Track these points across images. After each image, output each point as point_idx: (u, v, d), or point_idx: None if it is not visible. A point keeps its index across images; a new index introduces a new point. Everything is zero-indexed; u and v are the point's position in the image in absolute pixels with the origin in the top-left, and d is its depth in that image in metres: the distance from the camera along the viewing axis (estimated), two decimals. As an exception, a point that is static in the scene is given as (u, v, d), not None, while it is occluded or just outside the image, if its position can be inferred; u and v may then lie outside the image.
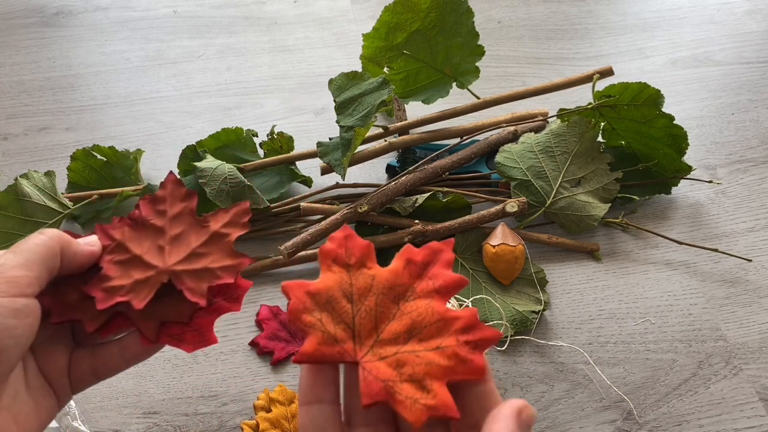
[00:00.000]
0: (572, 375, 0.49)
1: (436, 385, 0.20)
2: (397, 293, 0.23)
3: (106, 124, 0.67)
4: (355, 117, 0.52)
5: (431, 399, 0.20)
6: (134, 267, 0.27)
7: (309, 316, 0.22)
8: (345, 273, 0.23)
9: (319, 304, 0.22)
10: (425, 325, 0.22)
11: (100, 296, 0.26)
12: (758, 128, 0.67)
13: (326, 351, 0.21)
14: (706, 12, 0.80)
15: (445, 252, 0.24)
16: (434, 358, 0.21)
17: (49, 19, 0.78)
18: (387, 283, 0.23)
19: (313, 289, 0.22)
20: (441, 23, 0.58)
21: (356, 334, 0.22)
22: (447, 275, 0.23)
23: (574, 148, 0.57)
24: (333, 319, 0.22)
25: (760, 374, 0.49)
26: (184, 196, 0.29)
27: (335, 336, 0.21)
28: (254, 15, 0.79)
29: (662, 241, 0.57)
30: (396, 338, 0.22)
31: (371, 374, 0.21)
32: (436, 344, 0.21)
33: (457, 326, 0.22)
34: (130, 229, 0.28)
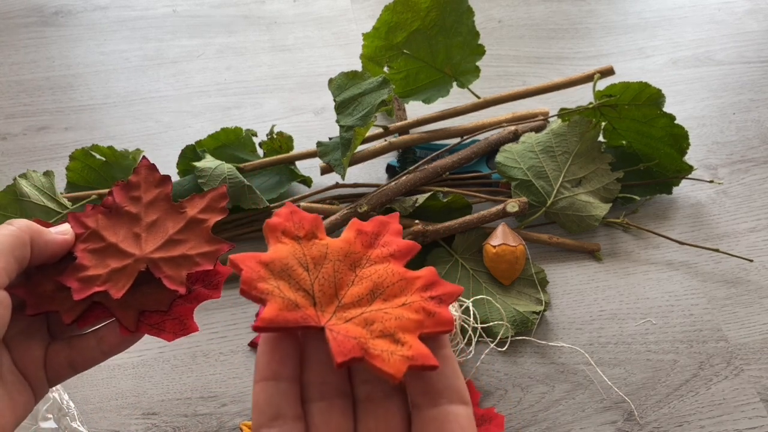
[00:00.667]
0: (573, 376, 0.49)
1: (408, 337, 0.20)
2: (353, 260, 0.22)
3: (105, 123, 0.67)
4: (355, 117, 0.52)
5: (408, 350, 0.19)
6: (110, 255, 0.26)
7: (265, 284, 0.20)
8: (296, 244, 0.22)
9: (275, 272, 0.21)
10: (387, 285, 0.22)
11: (77, 287, 0.25)
12: (759, 128, 0.66)
13: (288, 316, 0.20)
14: (707, 11, 0.80)
15: (392, 223, 0.24)
16: (403, 312, 0.21)
17: (48, 19, 0.78)
18: (341, 251, 0.22)
19: (266, 258, 0.21)
20: (441, 22, 0.58)
21: (317, 301, 0.21)
22: (399, 241, 0.23)
23: (574, 147, 0.57)
24: (291, 286, 0.21)
25: (762, 375, 0.49)
26: (158, 182, 0.28)
27: (296, 302, 0.20)
28: (254, 14, 0.79)
29: (663, 241, 0.57)
30: (359, 300, 0.21)
31: (340, 334, 0.20)
32: (402, 301, 0.21)
33: (419, 284, 0.22)
34: (104, 217, 0.27)
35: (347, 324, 0.20)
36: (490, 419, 0.46)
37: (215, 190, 0.27)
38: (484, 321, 0.50)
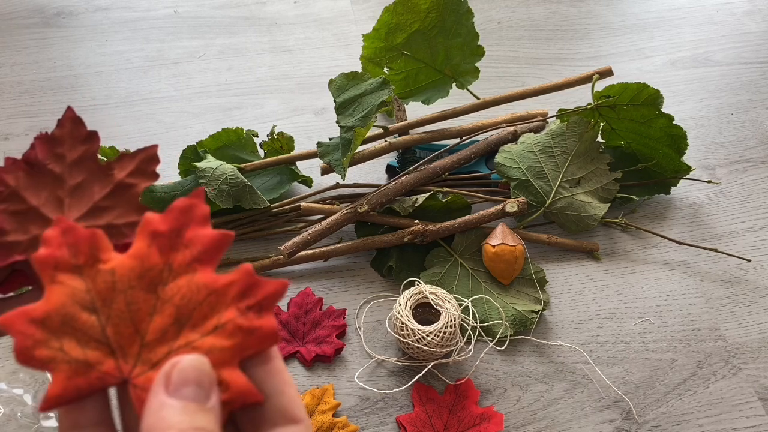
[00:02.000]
0: (572, 375, 0.49)
1: (226, 373, 0.17)
2: (150, 279, 0.18)
3: (106, 124, 0.67)
4: (355, 117, 0.52)
5: (225, 393, 0.17)
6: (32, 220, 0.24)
7: (44, 349, 0.17)
8: (77, 278, 0.18)
9: (54, 330, 0.17)
10: (193, 307, 0.18)
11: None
12: (757, 128, 0.67)
13: (80, 383, 0.17)
14: (706, 12, 0.80)
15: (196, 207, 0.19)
16: (214, 342, 0.18)
17: (50, 20, 0.78)
18: (133, 272, 0.18)
19: (39, 314, 0.18)
20: (441, 24, 0.59)
21: (114, 348, 0.18)
22: (204, 236, 0.19)
23: (573, 148, 0.57)
24: (78, 341, 0.17)
25: (759, 374, 0.49)
26: (85, 138, 0.25)
27: (87, 361, 0.17)
28: (255, 15, 0.79)
29: (661, 241, 0.57)
30: (164, 335, 0.18)
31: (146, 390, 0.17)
32: (213, 325, 0.18)
33: (232, 293, 0.18)
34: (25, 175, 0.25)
35: (154, 372, 0.17)
36: (489, 418, 0.46)
37: (146, 149, 0.24)
38: (483, 320, 0.50)
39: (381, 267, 0.55)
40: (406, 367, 0.49)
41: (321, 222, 0.54)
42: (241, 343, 0.18)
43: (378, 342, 0.51)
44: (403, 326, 0.47)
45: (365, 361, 0.50)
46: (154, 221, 0.19)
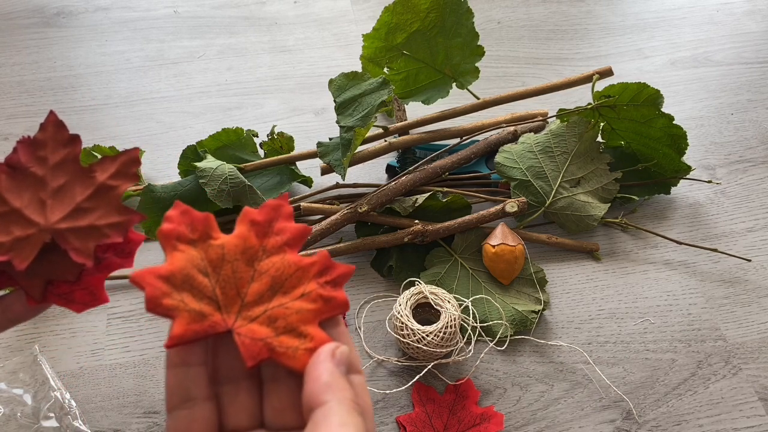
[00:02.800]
0: (572, 375, 0.49)
1: (310, 328, 0.22)
2: (250, 255, 0.23)
3: (106, 124, 0.67)
4: (355, 117, 0.52)
5: (310, 342, 0.21)
6: (14, 222, 0.24)
7: (169, 299, 0.21)
8: (192, 249, 0.23)
9: (177, 285, 0.22)
10: (285, 278, 0.23)
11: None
12: (757, 128, 0.67)
13: (197, 328, 0.21)
14: (706, 12, 0.80)
15: (283, 206, 0.24)
16: (302, 305, 0.22)
17: (50, 20, 0.78)
18: (237, 248, 0.23)
19: (165, 272, 0.22)
20: (441, 24, 0.59)
21: (221, 305, 0.22)
22: (292, 227, 0.24)
23: (573, 148, 0.57)
24: (194, 296, 0.22)
25: (759, 374, 0.49)
26: (67, 141, 0.26)
27: (201, 312, 0.21)
28: (254, 15, 0.79)
29: (662, 241, 0.57)
30: (261, 298, 0.22)
31: (247, 337, 0.21)
32: (300, 292, 0.22)
33: (314, 271, 0.23)
34: (7, 178, 0.25)
35: (253, 324, 0.22)
36: (489, 418, 0.46)
37: (127, 152, 0.25)
38: (484, 320, 0.50)
39: (381, 267, 0.55)
40: (406, 367, 0.49)
41: (321, 222, 0.54)
42: (321, 307, 0.22)
43: (378, 342, 0.51)
44: (403, 326, 0.47)
45: (365, 361, 0.50)
46: (252, 213, 0.24)
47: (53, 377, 0.48)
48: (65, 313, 0.52)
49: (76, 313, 0.31)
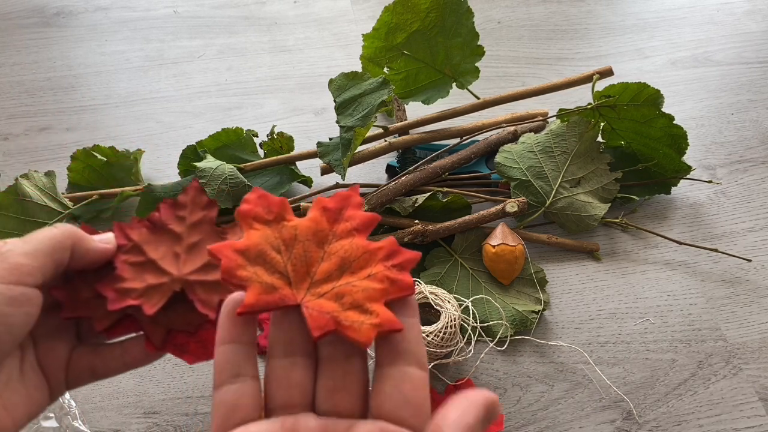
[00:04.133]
0: (572, 375, 0.49)
1: (376, 306, 0.22)
2: (321, 238, 0.24)
3: (106, 124, 0.67)
4: (355, 117, 0.52)
5: (375, 318, 0.21)
6: (148, 271, 0.27)
7: (243, 271, 0.22)
8: (267, 228, 0.24)
9: (251, 259, 0.23)
10: (353, 259, 0.23)
11: (112, 296, 0.26)
12: (758, 128, 0.67)
13: (268, 299, 0.22)
14: (706, 12, 0.80)
15: (354, 196, 0.25)
16: (369, 284, 0.23)
17: (50, 20, 0.78)
18: (309, 230, 0.24)
19: (241, 246, 0.23)
20: (441, 23, 0.58)
21: (291, 280, 0.23)
22: (361, 214, 0.24)
23: (573, 148, 0.57)
24: (267, 270, 0.22)
25: (760, 374, 0.49)
26: (205, 205, 0.29)
27: (273, 284, 0.22)
28: (254, 15, 0.79)
29: (662, 241, 0.57)
30: (329, 276, 0.23)
31: (315, 310, 0.22)
32: (367, 273, 0.23)
33: (381, 255, 0.23)
34: (148, 232, 0.28)
35: (320, 299, 0.22)
36: (489, 418, 0.46)
37: None
38: (484, 320, 0.50)
39: (381, 267, 0.55)
40: (406, 368, 0.49)
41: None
42: (387, 288, 0.22)
43: (378, 342, 0.51)
44: (403, 326, 0.47)
45: (365, 361, 0.50)
46: (324, 201, 0.25)
47: (53, 377, 0.48)
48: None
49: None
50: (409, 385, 0.21)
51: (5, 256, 0.24)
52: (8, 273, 0.23)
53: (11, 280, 0.23)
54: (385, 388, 0.21)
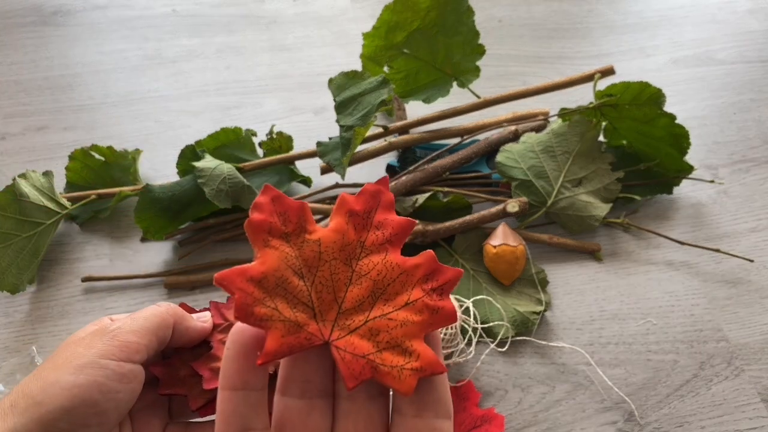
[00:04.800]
0: (573, 376, 0.49)
1: (416, 344, 0.19)
2: (348, 253, 0.20)
3: (104, 123, 0.67)
4: (355, 116, 0.52)
5: (416, 361, 0.19)
6: None
7: (262, 307, 0.19)
8: (286, 245, 0.20)
9: (269, 290, 0.19)
10: (388, 283, 0.20)
11: (208, 375, 0.27)
12: (760, 128, 0.66)
13: (293, 342, 0.19)
14: (708, 11, 0.79)
15: (384, 194, 0.21)
16: (407, 316, 0.19)
17: (47, 18, 0.78)
18: (335, 245, 0.20)
19: (257, 274, 0.19)
20: (441, 22, 0.58)
21: (317, 312, 0.19)
22: (394, 221, 0.21)
23: (575, 147, 0.57)
24: (288, 302, 0.19)
25: (762, 375, 0.49)
26: None
27: (297, 322, 0.19)
28: (253, 14, 0.79)
29: (664, 241, 0.56)
30: (361, 304, 0.20)
31: (348, 353, 0.19)
32: (404, 300, 0.20)
33: (419, 275, 0.20)
34: None
35: (352, 336, 0.19)
36: (490, 419, 0.45)
37: None
38: (485, 321, 0.50)
39: (381, 267, 0.54)
40: (406, 369, 0.49)
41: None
42: (427, 319, 0.19)
43: (378, 343, 0.50)
44: (404, 328, 0.46)
45: (365, 362, 0.49)
46: (350, 201, 0.21)
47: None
48: (63, 313, 0.52)
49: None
50: None
51: (114, 333, 0.25)
52: (119, 350, 0.24)
53: (122, 357, 0.24)
54: None
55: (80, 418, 0.23)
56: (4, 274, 0.50)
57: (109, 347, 0.24)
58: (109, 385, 0.23)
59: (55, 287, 0.53)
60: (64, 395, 0.23)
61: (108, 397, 0.24)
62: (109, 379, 0.24)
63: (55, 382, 0.23)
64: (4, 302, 0.52)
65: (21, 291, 0.51)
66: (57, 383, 0.23)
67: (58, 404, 0.23)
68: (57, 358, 0.24)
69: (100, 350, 0.24)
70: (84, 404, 0.23)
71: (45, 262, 0.55)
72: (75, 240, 0.57)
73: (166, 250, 0.56)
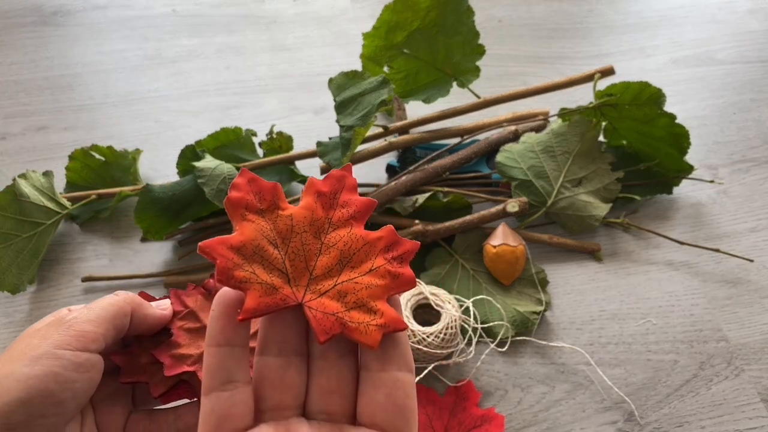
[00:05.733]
0: (573, 376, 0.49)
1: (379, 304, 0.21)
2: (317, 227, 0.23)
3: (104, 123, 0.67)
4: (355, 116, 0.52)
5: (380, 318, 0.21)
6: (203, 337, 0.28)
7: (241, 271, 0.21)
8: (261, 219, 0.22)
9: (247, 256, 0.21)
10: (353, 252, 0.22)
11: (169, 363, 0.27)
12: (760, 128, 0.66)
13: (269, 301, 0.21)
14: (708, 11, 0.79)
15: (348, 177, 0.24)
16: (371, 280, 0.22)
17: (47, 18, 0.78)
18: (305, 220, 0.23)
19: (236, 242, 0.21)
20: (441, 22, 0.58)
21: (290, 277, 0.22)
22: (357, 200, 0.24)
23: (575, 147, 0.57)
24: (265, 268, 0.21)
25: (762, 375, 0.49)
26: None
27: (273, 284, 0.21)
28: (253, 14, 0.79)
29: (664, 241, 0.56)
30: (330, 271, 0.22)
31: (319, 311, 0.21)
32: (368, 267, 0.22)
33: (381, 246, 0.23)
34: (203, 298, 0.29)
35: (323, 298, 0.21)
36: (490, 419, 0.45)
37: None
38: (485, 321, 0.50)
39: (381, 267, 0.54)
40: (406, 369, 0.49)
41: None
42: (389, 283, 0.22)
43: (378, 343, 0.50)
44: (404, 327, 0.46)
45: (365, 362, 0.49)
46: (318, 184, 0.24)
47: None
48: (63, 314, 0.52)
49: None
50: (402, 393, 0.21)
51: (71, 323, 0.25)
52: (75, 340, 0.24)
53: (78, 347, 0.24)
54: (378, 396, 0.21)
55: (37, 409, 0.23)
56: (5, 275, 0.50)
57: (65, 337, 0.24)
58: (65, 375, 0.24)
59: (56, 287, 0.53)
60: (19, 387, 0.23)
61: (65, 387, 0.24)
62: (66, 369, 0.24)
63: (9, 374, 0.23)
64: (4, 302, 0.52)
65: (21, 291, 0.51)
66: (12, 375, 0.23)
67: (15, 396, 0.23)
68: (12, 350, 0.24)
69: (55, 341, 0.24)
70: (40, 395, 0.23)
71: (45, 262, 0.55)
72: (75, 240, 0.57)
73: (166, 250, 0.56)
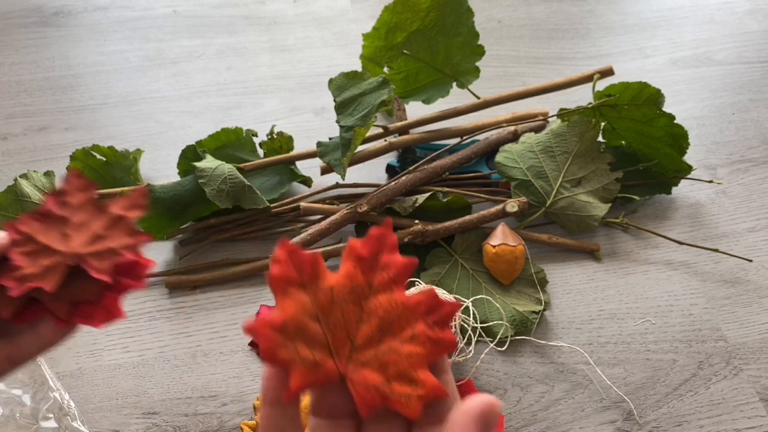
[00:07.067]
0: (572, 375, 0.49)
1: (421, 373, 0.22)
2: (357, 294, 0.23)
3: (105, 124, 0.67)
4: (355, 117, 0.52)
5: (421, 389, 0.21)
6: (43, 255, 0.28)
7: (284, 350, 0.21)
8: (302, 293, 0.23)
9: (290, 335, 0.22)
10: (393, 319, 0.23)
11: (13, 284, 0.28)
12: (759, 128, 0.67)
13: (313, 379, 0.21)
14: (707, 12, 0.80)
15: (388, 236, 0.24)
16: (412, 349, 0.22)
17: (49, 19, 0.78)
18: (345, 289, 0.23)
19: (278, 322, 0.22)
20: (441, 23, 0.58)
21: (332, 350, 0.22)
22: (398, 262, 0.24)
23: (574, 147, 0.57)
24: (307, 344, 0.22)
25: (761, 374, 0.49)
26: (85, 188, 0.31)
27: (316, 361, 0.22)
28: (254, 14, 0.79)
29: (663, 241, 0.57)
30: (370, 341, 0.22)
31: (360, 384, 0.21)
32: (409, 335, 0.22)
33: (421, 310, 0.23)
34: (38, 223, 0.30)
35: (364, 369, 0.22)
36: (489, 419, 0.46)
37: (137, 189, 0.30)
38: (484, 321, 0.50)
39: (381, 267, 0.54)
40: (406, 368, 0.49)
41: (321, 222, 0.54)
42: (430, 350, 0.22)
43: (378, 343, 0.51)
44: (404, 327, 0.46)
45: (365, 361, 0.49)
46: (357, 247, 0.24)
47: (52, 378, 0.48)
48: (64, 313, 0.52)
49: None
50: None
51: None
52: None
53: None
54: None
55: None
56: (6, 274, 0.50)
57: None
58: None
59: (57, 287, 0.54)
60: None
61: None
62: None
63: None
64: (5, 302, 0.52)
65: (23, 290, 0.51)
66: None
67: None
68: None
69: None
70: None
71: (46, 261, 0.55)
72: (76, 240, 0.57)
73: (167, 249, 0.56)
